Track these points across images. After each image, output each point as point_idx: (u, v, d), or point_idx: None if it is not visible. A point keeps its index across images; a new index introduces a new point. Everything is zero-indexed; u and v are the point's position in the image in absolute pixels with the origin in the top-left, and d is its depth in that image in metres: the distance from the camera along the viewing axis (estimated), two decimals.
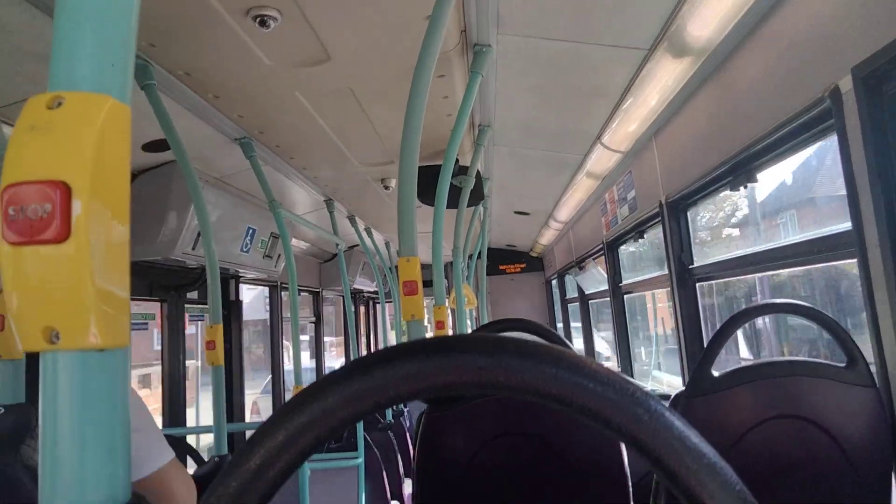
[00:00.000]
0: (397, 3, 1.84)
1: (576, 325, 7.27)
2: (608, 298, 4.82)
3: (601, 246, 4.68)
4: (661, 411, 0.36)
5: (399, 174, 1.67)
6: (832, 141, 1.55)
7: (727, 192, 2.47)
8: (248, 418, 5.27)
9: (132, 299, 0.49)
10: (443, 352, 0.37)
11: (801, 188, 2.67)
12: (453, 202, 2.96)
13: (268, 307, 6.07)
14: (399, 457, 4.30)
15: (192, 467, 3.07)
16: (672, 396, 1.60)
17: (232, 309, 4.83)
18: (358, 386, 0.37)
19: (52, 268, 0.43)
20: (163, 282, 3.90)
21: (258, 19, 1.83)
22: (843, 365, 1.46)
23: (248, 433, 5.04)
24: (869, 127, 1.36)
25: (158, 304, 3.99)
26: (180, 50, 2.04)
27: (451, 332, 5.39)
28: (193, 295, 4.27)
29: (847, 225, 1.51)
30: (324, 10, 1.86)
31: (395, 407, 6.39)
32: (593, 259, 5.49)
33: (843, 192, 1.48)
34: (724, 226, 3.32)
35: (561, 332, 8.05)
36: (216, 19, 1.84)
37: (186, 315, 4.18)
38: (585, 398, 0.36)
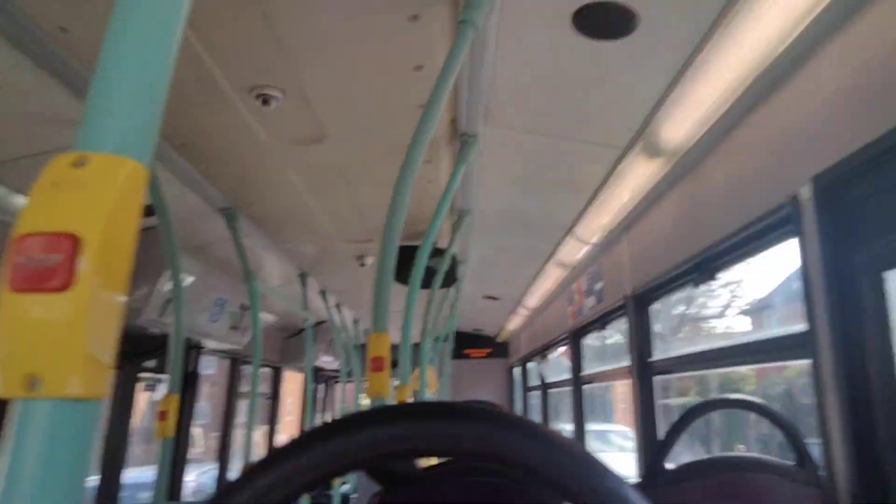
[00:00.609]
0: (394, 90, 1.96)
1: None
2: (569, 388, 4.83)
3: (566, 335, 4.74)
4: (620, 483, 0.39)
5: (379, 252, 1.70)
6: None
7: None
8: None
9: None
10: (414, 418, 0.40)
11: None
12: (427, 283, 3.00)
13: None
14: None
15: None
16: None
17: (189, 380, 4.66)
18: (305, 460, 0.39)
19: (48, 316, 0.44)
20: (119, 347, 3.74)
21: (261, 98, 1.92)
22: (792, 463, 1.49)
23: None
24: (826, 234, 1.44)
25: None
26: (182, 122, 2.10)
27: None
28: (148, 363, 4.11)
29: (803, 326, 1.56)
30: (325, 94, 1.96)
31: (343, 490, 6.10)
32: (556, 348, 5.54)
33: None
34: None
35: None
36: (220, 95, 1.92)
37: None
38: (554, 468, 0.39)
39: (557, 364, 6.18)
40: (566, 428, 4.74)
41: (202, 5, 1.58)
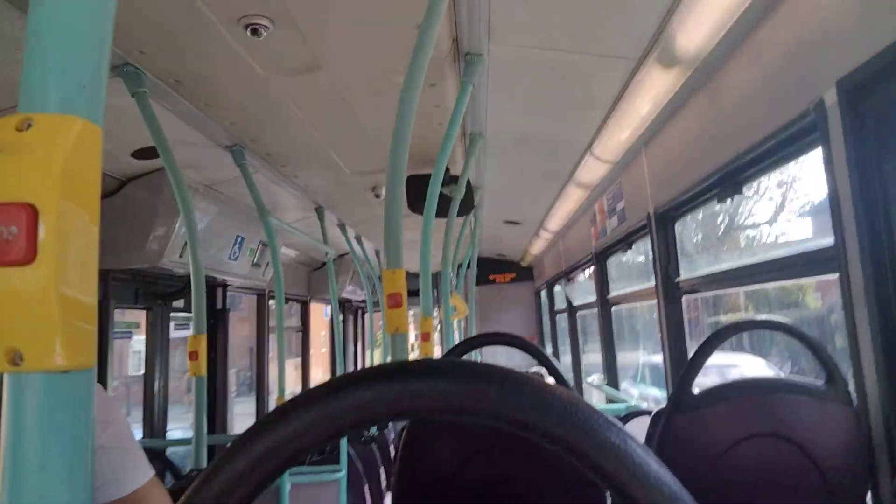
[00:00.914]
0: (388, 11, 1.85)
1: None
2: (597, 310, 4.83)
3: (590, 256, 4.70)
4: (624, 439, 0.37)
5: (387, 183, 1.67)
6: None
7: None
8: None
9: (117, 307, 0.49)
10: (407, 377, 0.38)
11: None
12: (443, 211, 2.96)
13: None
14: (382, 470, 4.26)
15: (171, 482, 3.04)
16: (653, 413, 1.61)
17: (218, 318, 4.79)
18: (330, 408, 0.38)
19: (17, 290, 0.43)
20: (148, 290, 3.87)
21: (250, 28, 1.84)
22: (821, 383, 1.46)
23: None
24: (853, 142, 1.36)
25: (144, 312, 3.95)
26: (171, 58, 2.03)
27: (437, 345, 5.37)
28: (179, 303, 4.24)
29: (831, 240, 1.51)
30: (315, 19, 1.86)
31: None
32: (582, 270, 5.51)
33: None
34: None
35: (549, 345, 8.06)
36: (207, 27, 1.84)
37: (172, 324, 4.14)
38: (548, 423, 0.37)
39: (586, 286, 6.17)
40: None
41: None
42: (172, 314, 4.17)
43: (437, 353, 4.96)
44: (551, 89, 2.60)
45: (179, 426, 5.16)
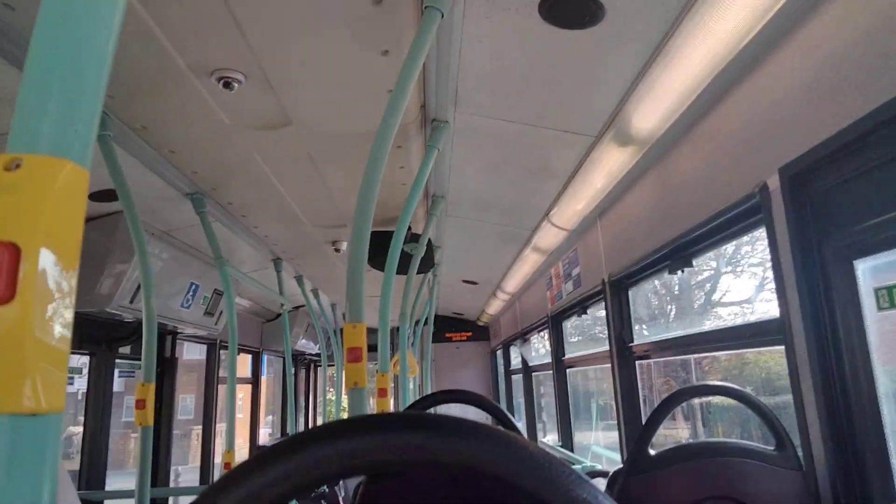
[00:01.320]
0: (361, 75, 1.91)
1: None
2: (551, 372, 4.85)
3: (546, 319, 4.76)
4: (596, 496, 0.38)
5: (351, 238, 1.68)
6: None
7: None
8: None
9: None
10: (379, 429, 0.39)
11: None
12: (403, 269, 2.98)
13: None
14: None
15: None
16: (610, 474, 1.62)
17: (167, 367, 4.62)
18: (293, 463, 0.38)
19: None
20: (94, 334, 3.73)
21: (222, 81, 1.87)
22: (772, 448, 1.51)
23: (172, 499, 4.74)
24: (795, 223, 1.45)
25: (88, 357, 3.79)
26: (140, 104, 2.04)
27: (392, 401, 5.28)
28: (126, 349, 4.09)
29: (777, 313, 1.59)
30: (288, 77, 1.91)
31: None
32: (537, 332, 5.55)
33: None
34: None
35: (504, 404, 8.00)
36: (180, 78, 1.86)
37: (116, 371, 3.98)
38: (526, 477, 0.38)
39: (535, 348, 6.20)
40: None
41: None
42: (118, 360, 4.01)
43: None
44: (512, 158, 2.70)
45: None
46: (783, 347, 1.54)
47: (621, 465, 1.55)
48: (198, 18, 1.62)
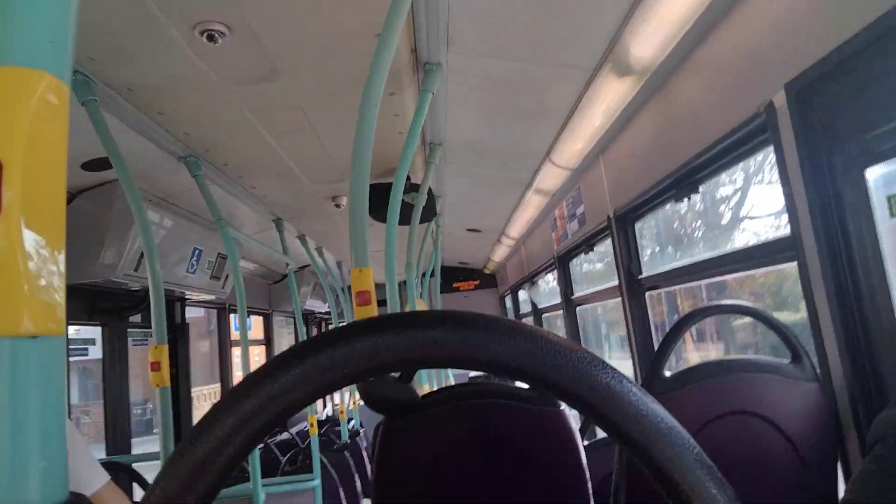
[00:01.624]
0: (347, 20, 1.84)
1: None
2: (561, 312, 4.89)
3: (552, 260, 4.76)
4: (618, 378, 0.37)
5: (350, 191, 1.66)
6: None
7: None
8: None
9: (70, 324, 0.46)
10: (400, 327, 0.38)
11: None
12: (405, 219, 2.96)
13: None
14: (356, 477, 4.23)
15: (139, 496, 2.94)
16: None
17: (178, 332, 4.68)
18: (311, 365, 0.37)
19: None
20: (103, 305, 3.75)
21: (206, 34, 1.81)
22: (787, 361, 1.52)
23: None
24: (803, 138, 1.43)
25: (100, 328, 3.84)
26: (123, 65, 1.98)
27: None
28: (136, 319, 4.13)
29: (786, 231, 1.58)
30: (273, 27, 1.85)
31: (350, 426, 6.29)
32: (544, 274, 5.57)
33: None
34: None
35: None
36: (161, 34, 1.80)
37: (129, 339, 4.04)
38: (539, 366, 0.37)
39: (543, 290, 6.23)
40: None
41: None
42: (129, 329, 4.06)
43: None
44: (509, 99, 2.63)
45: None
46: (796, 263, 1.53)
47: None
48: None
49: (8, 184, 0.41)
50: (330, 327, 9.47)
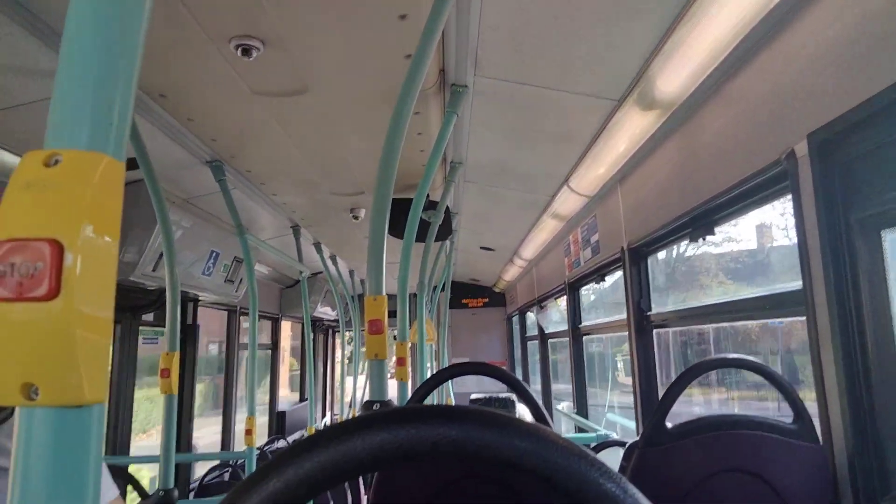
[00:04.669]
0: (380, 40, 1.88)
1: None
2: (567, 339, 4.87)
3: (562, 286, 4.75)
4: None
5: (372, 208, 1.67)
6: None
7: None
8: None
9: None
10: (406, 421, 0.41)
11: None
12: (422, 236, 2.98)
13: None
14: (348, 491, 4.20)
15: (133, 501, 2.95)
16: (627, 445, 1.64)
17: (188, 333, 4.71)
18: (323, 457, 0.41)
19: (38, 325, 0.43)
20: (118, 302, 3.78)
21: (241, 48, 1.85)
22: (789, 421, 1.51)
23: (196, 465, 4.88)
24: (822, 192, 1.42)
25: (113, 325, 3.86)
26: (158, 72, 2.03)
27: (410, 370, 5.35)
28: (148, 317, 4.16)
29: (798, 284, 1.57)
30: (307, 43, 1.89)
31: None
32: (554, 298, 5.56)
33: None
34: None
35: (519, 371, 8.07)
36: (198, 45, 1.85)
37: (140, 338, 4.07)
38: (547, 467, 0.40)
39: (551, 315, 6.22)
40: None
41: None
42: (140, 327, 4.09)
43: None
44: (532, 123, 2.66)
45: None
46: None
47: (637, 437, 1.56)
48: None
49: (67, 264, 0.44)
50: (336, 336, 9.44)
